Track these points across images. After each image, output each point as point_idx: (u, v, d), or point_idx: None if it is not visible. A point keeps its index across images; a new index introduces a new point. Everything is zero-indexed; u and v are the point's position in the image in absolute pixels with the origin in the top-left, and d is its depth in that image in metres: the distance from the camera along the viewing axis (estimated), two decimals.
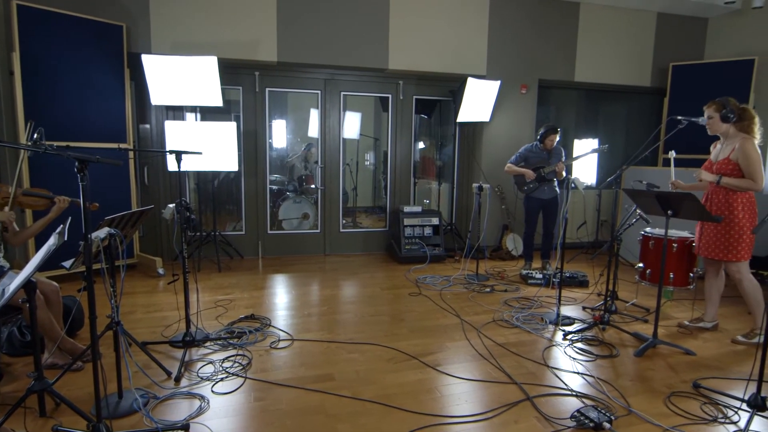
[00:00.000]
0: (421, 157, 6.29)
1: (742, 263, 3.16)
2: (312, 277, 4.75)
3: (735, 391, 2.54)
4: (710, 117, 3.16)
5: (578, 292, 4.35)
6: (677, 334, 3.42)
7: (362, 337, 3.24)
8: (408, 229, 5.38)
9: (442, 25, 5.38)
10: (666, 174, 3.81)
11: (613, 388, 2.58)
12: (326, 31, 5.05)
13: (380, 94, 5.72)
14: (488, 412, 2.31)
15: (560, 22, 5.78)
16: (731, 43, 5.99)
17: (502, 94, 5.56)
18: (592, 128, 6.64)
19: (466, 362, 2.87)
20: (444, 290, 4.32)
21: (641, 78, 6.20)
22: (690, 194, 2.82)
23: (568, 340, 3.22)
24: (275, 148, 5.83)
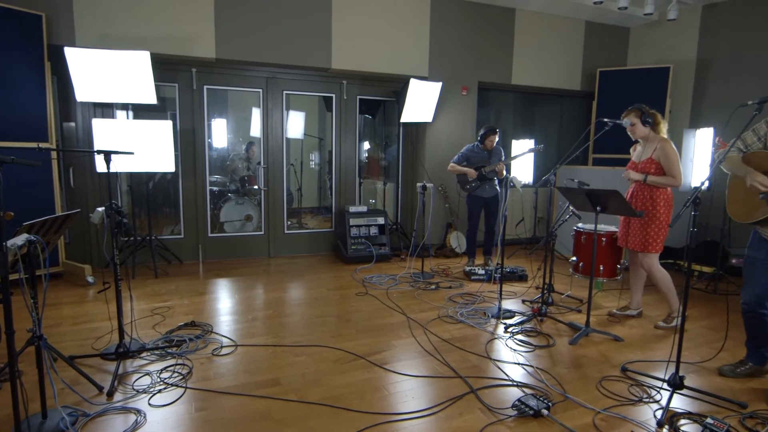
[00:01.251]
0: (367, 157, 6.31)
1: (653, 255, 3.43)
2: (256, 280, 4.63)
3: (657, 372, 2.75)
4: (632, 123, 3.41)
5: (518, 286, 4.54)
6: (607, 322, 3.65)
7: (309, 339, 3.20)
8: (354, 229, 5.38)
9: (385, 27, 5.42)
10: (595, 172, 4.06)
11: (550, 376, 2.71)
12: (267, 29, 4.94)
13: (324, 93, 5.68)
14: (434, 407, 2.36)
15: (498, 27, 6.00)
16: (650, 51, 6.49)
17: (443, 96, 5.69)
18: (529, 129, 6.95)
19: (413, 359, 2.91)
20: (390, 289, 4.36)
21: (572, 82, 6.56)
22: (616, 191, 3.02)
23: (509, 332, 3.35)
24: (215, 147, 5.63)
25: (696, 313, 3.84)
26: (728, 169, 2.56)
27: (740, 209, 2.52)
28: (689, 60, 5.97)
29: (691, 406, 2.43)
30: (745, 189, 2.45)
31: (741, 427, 2.24)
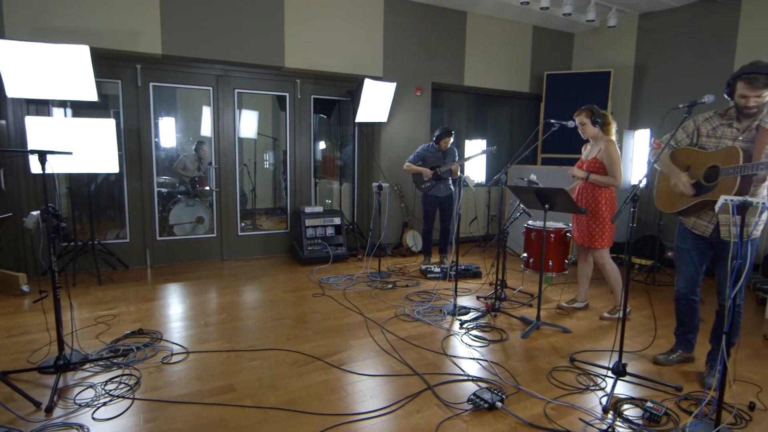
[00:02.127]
0: (322, 157, 6.26)
1: (604, 250, 3.62)
2: (209, 284, 4.48)
3: (603, 361, 2.90)
4: (583, 123, 3.57)
5: (473, 283, 4.64)
6: (556, 315, 3.81)
7: (264, 343, 3.13)
8: (310, 229, 5.33)
9: (339, 26, 5.40)
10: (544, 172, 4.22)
11: (504, 369, 2.80)
12: (217, 25, 4.80)
13: (277, 92, 5.58)
14: (392, 405, 2.38)
15: (450, 29, 6.11)
16: (593, 56, 6.82)
17: (398, 96, 5.74)
18: (481, 129, 7.13)
19: (371, 359, 2.92)
20: (347, 289, 4.34)
21: (521, 84, 6.79)
22: (562, 190, 3.16)
23: (464, 328, 3.43)
24: (163, 147, 5.40)
25: (637, 304, 4.07)
26: (658, 166, 2.74)
27: (665, 200, 2.72)
28: (628, 65, 6.32)
29: (633, 391, 2.58)
30: (670, 182, 2.65)
31: (677, 408, 2.40)
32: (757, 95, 2.28)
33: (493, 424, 2.23)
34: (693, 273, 2.72)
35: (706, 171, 2.49)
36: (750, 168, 2.29)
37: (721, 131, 2.51)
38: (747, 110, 2.36)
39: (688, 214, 2.65)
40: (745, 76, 2.28)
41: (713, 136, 2.53)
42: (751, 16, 5.14)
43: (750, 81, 2.27)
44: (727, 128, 2.49)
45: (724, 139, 2.48)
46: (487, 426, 2.21)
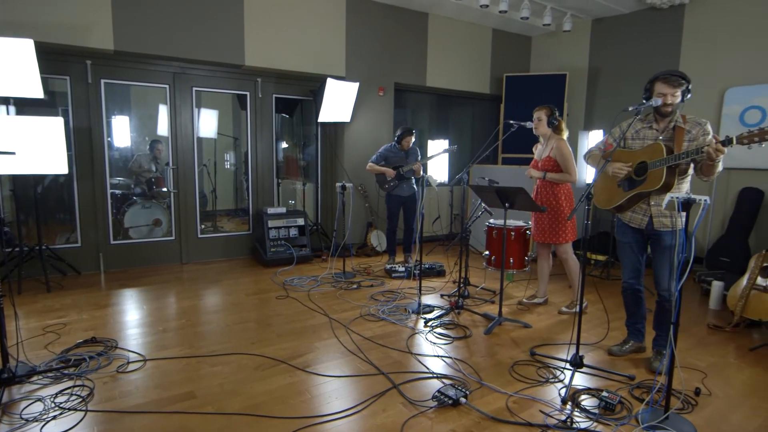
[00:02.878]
0: (285, 157, 6.17)
1: (567, 245, 3.74)
2: (167, 288, 4.34)
3: (561, 353, 3.00)
4: (539, 119, 3.69)
5: (436, 282, 4.70)
6: (517, 310, 3.91)
7: (227, 347, 3.06)
8: (273, 231, 5.24)
9: (301, 24, 5.34)
10: (505, 171, 4.32)
11: (468, 365, 2.85)
12: (174, 21, 4.64)
13: (237, 91, 5.46)
14: (358, 405, 2.38)
15: (412, 30, 6.16)
16: (550, 59, 7.04)
17: (361, 96, 5.74)
18: (443, 130, 7.22)
19: (336, 360, 2.91)
20: (312, 290, 4.30)
21: (482, 86, 6.93)
22: (521, 188, 3.24)
23: (428, 326, 3.47)
24: (117, 147, 5.18)
25: (592, 298, 4.23)
26: (592, 165, 2.97)
27: (603, 197, 2.91)
28: (582, 68, 6.56)
29: (590, 382, 2.68)
30: (606, 179, 2.86)
31: (630, 396, 2.52)
32: (672, 92, 2.57)
33: (457, 420, 2.26)
34: (636, 264, 2.89)
35: (636, 167, 2.69)
36: (673, 159, 2.51)
37: (644, 133, 2.76)
38: (664, 108, 2.61)
39: (624, 210, 2.83)
40: (663, 76, 2.59)
41: (638, 138, 2.79)
42: (692, 24, 5.45)
43: (667, 80, 2.58)
44: (648, 130, 2.75)
45: (647, 140, 2.73)
46: (451, 422, 2.25)
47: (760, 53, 4.95)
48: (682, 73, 2.60)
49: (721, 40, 5.23)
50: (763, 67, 4.94)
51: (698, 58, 5.40)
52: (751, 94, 5.01)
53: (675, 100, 2.59)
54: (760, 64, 4.95)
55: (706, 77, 5.26)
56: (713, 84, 5.26)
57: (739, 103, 5.10)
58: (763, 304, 3.42)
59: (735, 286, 3.64)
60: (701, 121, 2.60)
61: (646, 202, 2.73)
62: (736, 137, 2.29)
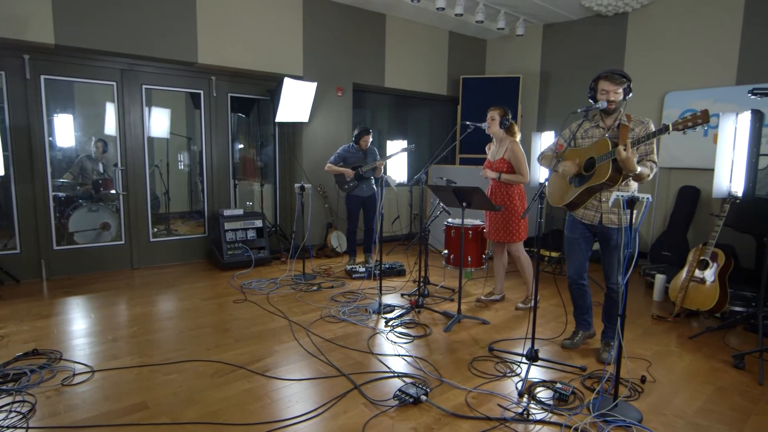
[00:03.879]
0: (241, 158, 6.02)
1: (519, 243, 3.86)
2: (117, 295, 4.14)
3: (518, 348, 3.09)
4: (493, 118, 3.78)
5: (397, 281, 4.73)
6: (476, 307, 4.00)
7: (181, 354, 2.96)
8: (230, 233, 5.11)
9: (256, 22, 5.23)
10: (462, 171, 4.41)
11: (428, 363, 2.88)
12: (121, 15, 4.44)
13: (190, 89, 5.29)
14: (319, 408, 2.36)
15: (370, 31, 6.17)
16: (504, 62, 7.24)
17: (319, 96, 5.69)
18: (402, 130, 7.28)
19: (296, 363, 2.87)
20: (271, 293, 4.23)
21: (439, 87, 7.03)
22: (478, 188, 3.32)
23: (389, 326, 3.48)
24: (60, 147, 4.89)
25: (547, 293, 4.38)
26: (545, 166, 3.09)
27: (556, 195, 3.04)
28: (535, 71, 6.79)
29: (545, 375, 2.77)
30: (559, 178, 2.99)
31: (582, 386, 2.62)
32: (615, 90, 2.72)
33: (418, 418, 2.29)
34: (581, 260, 3.03)
35: (585, 163, 2.82)
36: (610, 155, 2.64)
37: (592, 132, 2.91)
38: (610, 106, 2.75)
39: (576, 206, 2.95)
40: (606, 74, 2.73)
41: (586, 137, 2.93)
42: (635, 31, 5.75)
43: (609, 78, 2.72)
44: (595, 129, 2.90)
45: (595, 138, 2.88)
46: (412, 420, 2.27)
47: (696, 60, 5.29)
48: (623, 72, 2.74)
49: (661, 47, 5.55)
50: (698, 74, 5.28)
51: (641, 63, 5.70)
52: (689, 98, 5.35)
53: (617, 98, 2.74)
54: (696, 70, 5.29)
55: (648, 81, 5.57)
56: (654, 88, 5.58)
57: (678, 107, 5.43)
58: (700, 295, 3.65)
59: (675, 279, 3.87)
60: (644, 120, 2.76)
61: (597, 198, 2.85)
62: (671, 124, 2.45)
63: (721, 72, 5.13)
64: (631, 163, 2.55)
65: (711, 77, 5.19)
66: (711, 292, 3.60)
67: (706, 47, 5.21)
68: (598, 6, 5.65)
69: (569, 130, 3.00)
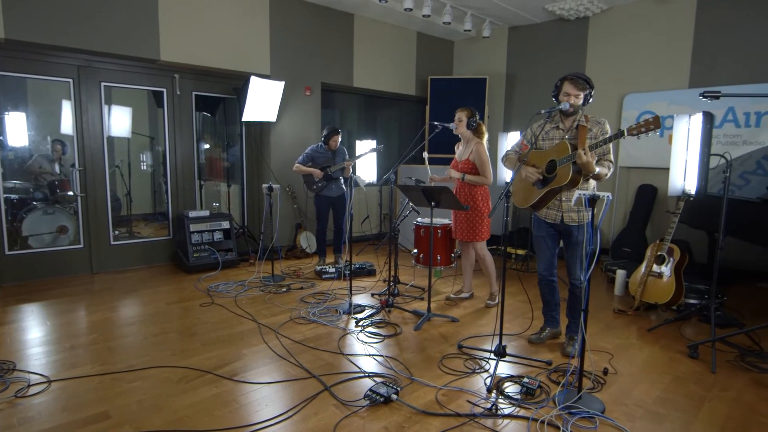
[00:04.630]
0: (207, 158, 5.89)
1: (483, 242, 3.93)
2: (75, 301, 3.98)
3: (486, 345, 3.14)
4: (460, 120, 3.83)
5: (367, 281, 4.73)
6: (445, 305, 4.04)
7: (145, 361, 2.87)
8: (195, 235, 4.99)
9: (221, 19, 5.12)
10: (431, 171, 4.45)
11: (399, 362, 2.90)
12: (78, 8, 4.26)
13: (153, 87, 5.13)
14: (289, 411, 2.33)
15: (338, 30, 6.14)
16: (471, 63, 7.35)
17: (287, 95, 5.63)
18: (371, 130, 7.28)
19: (265, 366, 2.83)
20: (239, 296, 4.15)
21: (408, 87, 7.07)
22: (446, 188, 3.36)
23: (360, 326, 3.48)
24: (12, 147, 4.65)
25: (514, 290, 4.48)
26: (509, 168, 3.16)
27: (520, 197, 3.13)
28: (501, 73, 6.92)
29: (512, 370, 2.84)
30: (522, 181, 3.08)
31: (548, 380, 2.69)
32: (576, 94, 2.80)
33: (389, 417, 2.30)
34: (549, 256, 3.11)
35: (547, 165, 2.91)
36: (571, 157, 2.73)
37: (552, 133, 2.99)
38: (570, 109, 2.84)
39: (539, 207, 3.04)
40: (571, 77, 2.81)
41: (547, 138, 3.01)
42: (596, 35, 5.95)
43: (573, 81, 2.81)
44: (555, 131, 2.98)
45: (555, 140, 2.96)
46: (383, 419, 2.28)
47: (652, 64, 5.51)
48: (587, 77, 2.83)
49: (620, 51, 5.76)
50: (655, 77, 5.51)
51: (601, 65, 5.90)
52: (646, 100, 5.57)
53: (578, 102, 2.83)
54: (653, 73, 5.51)
55: (608, 83, 5.76)
56: (614, 90, 5.78)
57: (636, 108, 5.65)
58: (658, 289, 3.81)
59: (635, 274, 4.03)
60: (601, 121, 2.86)
61: (558, 198, 2.94)
62: (626, 129, 2.55)
63: (675, 76, 5.37)
64: (591, 165, 2.65)
65: (666, 80, 5.43)
66: (668, 286, 3.76)
67: (661, 52, 5.44)
68: (560, 10, 5.81)
69: (530, 130, 3.07)
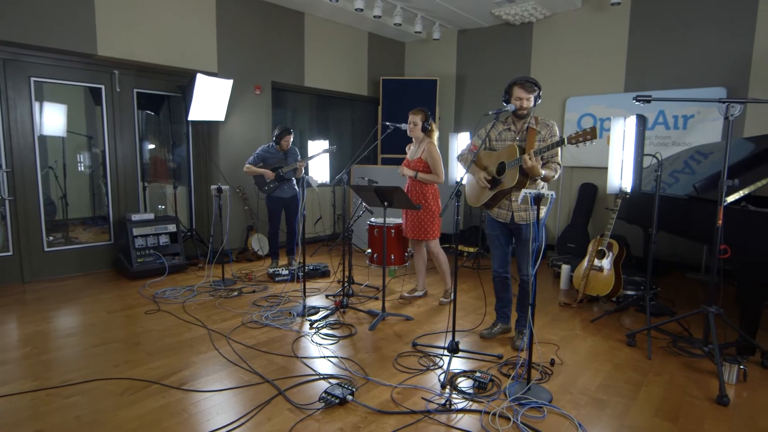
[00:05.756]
0: (151, 158, 5.63)
1: (435, 240, 3.99)
2: (5, 313, 3.69)
3: (440, 341, 3.20)
4: (415, 123, 3.87)
5: (321, 282, 4.69)
6: (399, 304, 4.08)
7: (85, 374, 2.71)
8: (139, 239, 4.76)
9: (164, 13, 4.91)
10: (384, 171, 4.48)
11: (354, 363, 2.89)
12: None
13: (89, 83, 4.84)
14: (242, 418, 2.27)
15: (289, 29, 6.05)
16: (422, 64, 7.45)
17: (236, 94, 5.48)
18: (324, 130, 7.23)
19: (216, 373, 2.74)
20: (187, 301, 4.00)
21: (360, 87, 7.08)
22: (398, 188, 3.39)
23: (314, 328, 3.44)
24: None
25: (466, 287, 4.58)
26: (463, 166, 3.23)
27: (473, 196, 3.24)
28: (451, 74, 7.07)
29: (465, 365, 2.90)
30: (474, 181, 3.18)
31: (500, 373, 2.78)
32: (527, 97, 2.90)
33: (344, 418, 2.29)
34: (503, 254, 3.22)
35: (497, 166, 3.02)
36: (518, 161, 2.86)
37: (505, 135, 3.10)
38: (520, 111, 2.95)
39: (491, 206, 3.15)
40: (520, 81, 2.91)
41: (500, 139, 3.12)
42: (540, 39, 6.20)
43: (523, 85, 2.90)
44: (507, 132, 3.09)
45: (507, 141, 3.07)
46: (339, 421, 2.26)
47: (592, 69, 5.81)
48: (535, 80, 2.94)
49: (562, 55, 6.03)
50: (595, 81, 5.81)
51: (545, 69, 6.15)
52: (587, 103, 5.87)
53: (529, 104, 2.94)
54: (593, 78, 5.81)
55: (552, 86, 6.02)
56: (557, 92, 6.05)
57: (577, 111, 5.93)
58: (599, 282, 4.02)
59: (578, 268, 4.23)
60: (549, 123, 2.98)
61: (508, 198, 3.04)
62: (567, 138, 2.69)
63: (612, 80, 5.68)
64: (536, 169, 2.77)
65: (604, 84, 5.74)
66: (608, 279, 3.98)
67: (599, 58, 5.75)
68: (506, 15, 6.00)
69: (484, 130, 3.15)
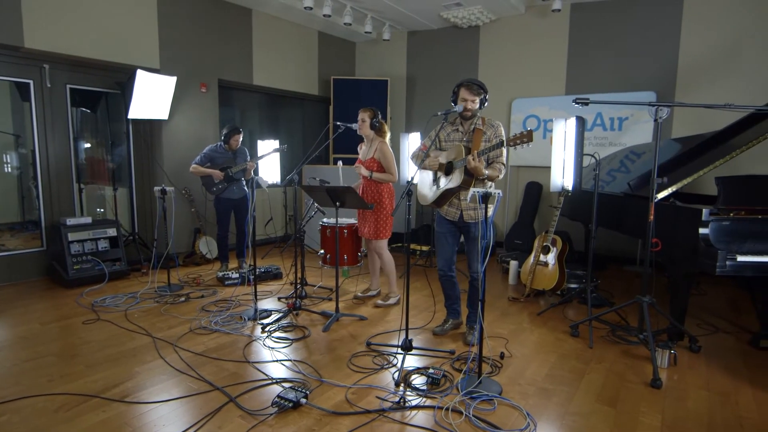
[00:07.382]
0: (88, 159, 5.30)
1: (383, 241, 4.00)
2: None
3: (393, 340, 3.23)
4: (363, 120, 3.87)
5: (273, 285, 4.61)
6: (353, 305, 4.07)
7: (16, 391, 2.51)
8: (75, 245, 4.48)
9: (99, 5, 4.64)
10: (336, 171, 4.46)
11: (308, 365, 2.86)
12: None
13: (15, 78, 4.49)
14: (191, 428, 2.19)
15: (235, 25, 5.88)
16: (373, 65, 7.47)
17: (180, 91, 5.27)
18: (274, 130, 7.09)
19: (162, 383, 2.63)
20: (130, 309, 3.81)
21: (311, 87, 7.00)
22: (350, 188, 3.38)
23: (266, 332, 3.38)
24: None
25: (418, 285, 4.65)
26: (416, 164, 3.26)
27: (423, 195, 3.30)
28: (401, 75, 7.13)
29: (419, 362, 2.94)
30: (426, 180, 3.24)
31: (452, 369, 2.84)
32: (473, 99, 2.97)
33: (298, 422, 2.26)
34: (449, 252, 3.28)
35: (446, 167, 3.09)
36: (464, 161, 2.93)
37: (453, 136, 3.18)
38: (467, 112, 3.03)
39: (441, 205, 3.21)
40: (466, 83, 2.98)
41: (448, 140, 3.19)
42: (486, 43, 6.38)
43: (469, 87, 2.98)
44: (456, 133, 3.17)
45: (455, 142, 3.15)
46: (293, 425, 2.23)
47: (535, 72, 6.05)
48: (481, 83, 3.02)
49: (507, 58, 6.24)
50: (539, 84, 6.05)
51: (491, 71, 6.35)
52: (531, 104, 6.10)
53: (474, 106, 3.01)
54: (538, 80, 6.06)
55: (498, 88, 6.22)
56: (503, 94, 6.25)
57: (522, 112, 6.16)
58: (544, 277, 4.20)
59: (525, 264, 4.39)
60: (495, 124, 3.07)
61: (457, 197, 3.11)
62: (506, 140, 2.80)
63: (554, 83, 5.95)
64: (479, 170, 2.85)
65: (547, 87, 5.99)
66: (552, 273, 4.16)
67: (542, 61, 6.00)
68: (454, 18, 6.14)
69: (434, 131, 3.20)
